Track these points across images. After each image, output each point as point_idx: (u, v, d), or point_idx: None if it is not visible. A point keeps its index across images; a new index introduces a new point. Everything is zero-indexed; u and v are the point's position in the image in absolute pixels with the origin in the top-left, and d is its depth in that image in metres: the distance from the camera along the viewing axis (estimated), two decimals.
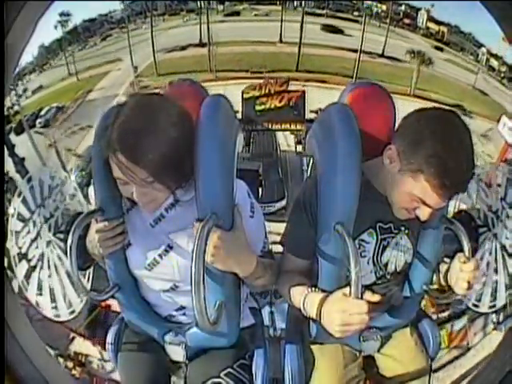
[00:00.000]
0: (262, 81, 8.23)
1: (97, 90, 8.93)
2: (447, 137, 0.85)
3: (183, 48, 9.52)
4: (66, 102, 8.25)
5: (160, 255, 0.98)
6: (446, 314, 3.54)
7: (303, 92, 8.14)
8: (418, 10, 9.53)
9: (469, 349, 3.25)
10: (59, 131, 7.49)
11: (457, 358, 3.15)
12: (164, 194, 0.90)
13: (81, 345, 2.99)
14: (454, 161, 0.83)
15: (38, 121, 7.35)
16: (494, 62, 8.25)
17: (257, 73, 8.89)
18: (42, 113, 7.63)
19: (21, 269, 2.27)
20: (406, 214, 0.96)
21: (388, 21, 9.38)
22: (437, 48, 9.20)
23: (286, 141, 8.87)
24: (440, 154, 0.84)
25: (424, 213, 0.92)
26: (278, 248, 1.11)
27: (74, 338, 2.98)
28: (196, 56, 9.34)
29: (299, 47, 9.11)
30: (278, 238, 1.09)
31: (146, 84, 8.98)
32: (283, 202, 7.69)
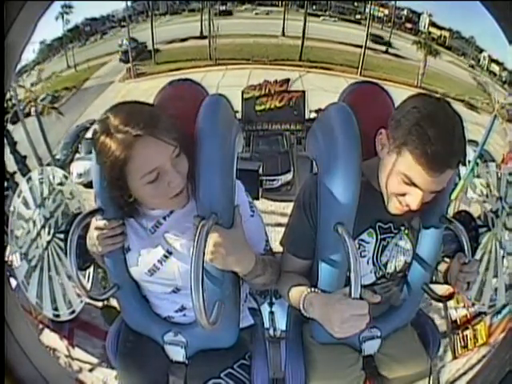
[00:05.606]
0: (263, 66, 8.13)
1: (93, 79, 8.93)
2: (429, 108, 0.85)
3: (183, 40, 9.50)
4: (62, 91, 8.27)
5: (159, 261, 0.98)
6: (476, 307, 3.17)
7: (303, 92, 8.13)
8: (420, 14, 9.49)
9: (494, 346, 3.04)
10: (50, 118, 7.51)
11: (484, 356, 2.84)
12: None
13: (49, 337, 2.70)
14: (436, 129, 0.81)
15: (33, 109, 7.37)
16: (495, 67, 8.25)
17: (259, 61, 8.80)
18: (38, 101, 7.67)
19: (21, 269, 2.27)
20: (399, 207, 0.93)
21: (391, 24, 9.37)
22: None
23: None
24: (421, 122, 0.83)
25: (414, 198, 0.88)
26: (278, 248, 1.11)
27: (43, 329, 2.79)
28: (196, 46, 9.30)
29: (303, 37, 9.01)
30: (282, 220, 1.08)
31: (142, 71, 8.91)
32: (289, 176, 6.67)
